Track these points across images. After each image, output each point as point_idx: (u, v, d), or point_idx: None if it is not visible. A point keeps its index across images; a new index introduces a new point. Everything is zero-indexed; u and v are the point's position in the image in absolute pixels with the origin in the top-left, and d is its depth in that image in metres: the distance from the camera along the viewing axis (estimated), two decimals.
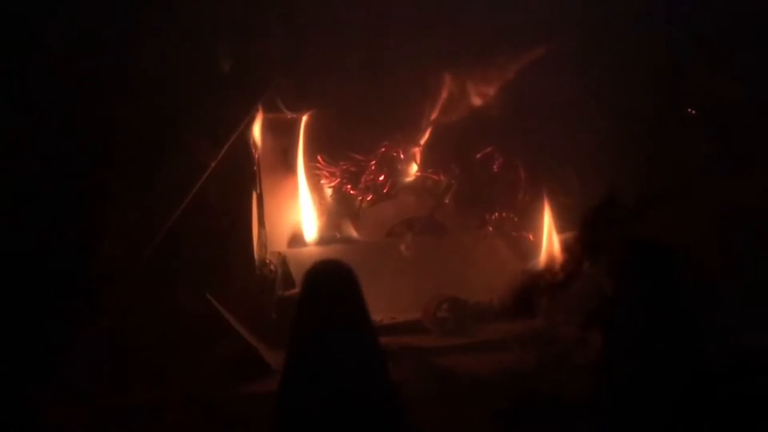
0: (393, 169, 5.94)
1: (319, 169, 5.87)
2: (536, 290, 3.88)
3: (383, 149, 5.92)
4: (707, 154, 5.49)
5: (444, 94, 5.79)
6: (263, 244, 5.54)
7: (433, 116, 5.87)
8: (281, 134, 5.80)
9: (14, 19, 5.03)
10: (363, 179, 5.91)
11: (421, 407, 3.72)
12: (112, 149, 5.13)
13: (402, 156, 5.94)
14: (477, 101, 5.79)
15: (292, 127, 5.80)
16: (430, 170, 5.97)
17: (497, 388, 3.92)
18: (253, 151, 5.58)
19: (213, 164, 5.26)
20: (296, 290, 4.72)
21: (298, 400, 2.81)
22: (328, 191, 5.89)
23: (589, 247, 3.86)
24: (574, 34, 5.64)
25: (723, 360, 3.01)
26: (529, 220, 5.79)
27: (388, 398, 2.80)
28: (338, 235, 5.81)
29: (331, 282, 2.83)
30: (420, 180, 5.97)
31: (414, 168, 5.97)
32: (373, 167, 5.91)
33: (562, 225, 5.57)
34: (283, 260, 5.45)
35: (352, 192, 5.92)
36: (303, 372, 2.79)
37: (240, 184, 5.48)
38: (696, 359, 2.93)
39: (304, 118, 5.79)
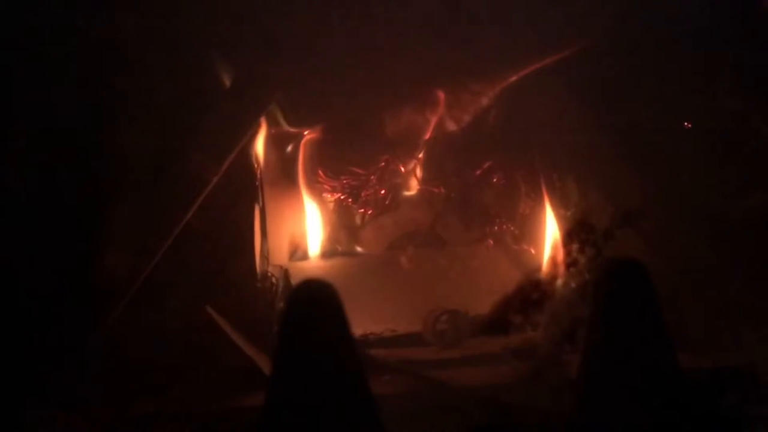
0: (393, 182, 5.98)
1: (320, 183, 5.92)
2: (509, 308, 3.92)
3: (383, 163, 5.97)
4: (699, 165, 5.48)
5: (443, 108, 5.82)
6: (265, 257, 5.57)
7: (433, 130, 5.89)
8: (283, 149, 5.85)
9: (18, 29, 5.09)
10: (364, 193, 5.95)
11: (412, 421, 3.75)
12: (115, 163, 5.17)
13: (402, 170, 5.99)
14: (476, 114, 5.80)
15: (293, 142, 5.86)
16: (430, 183, 6.01)
17: (486, 402, 3.94)
18: (255, 165, 5.63)
19: (215, 179, 5.29)
20: None
21: (280, 416, 2.85)
22: (330, 205, 5.93)
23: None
24: (573, 47, 5.65)
25: (697, 378, 3.03)
26: (529, 233, 5.81)
27: (368, 416, 2.85)
28: (340, 249, 5.85)
29: (309, 302, 2.88)
30: (421, 193, 6.01)
31: (414, 181, 6.01)
32: (373, 181, 5.96)
33: (563, 237, 5.56)
34: (285, 273, 5.45)
35: (353, 206, 5.96)
36: (284, 389, 2.84)
37: (242, 198, 5.50)
38: (670, 377, 2.97)
39: (305, 133, 5.84)
